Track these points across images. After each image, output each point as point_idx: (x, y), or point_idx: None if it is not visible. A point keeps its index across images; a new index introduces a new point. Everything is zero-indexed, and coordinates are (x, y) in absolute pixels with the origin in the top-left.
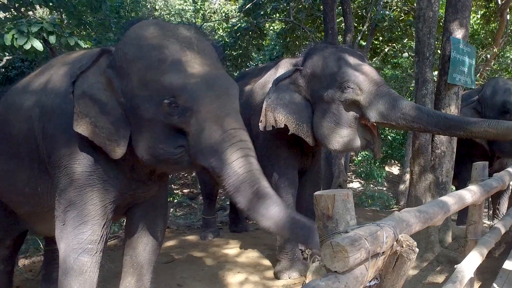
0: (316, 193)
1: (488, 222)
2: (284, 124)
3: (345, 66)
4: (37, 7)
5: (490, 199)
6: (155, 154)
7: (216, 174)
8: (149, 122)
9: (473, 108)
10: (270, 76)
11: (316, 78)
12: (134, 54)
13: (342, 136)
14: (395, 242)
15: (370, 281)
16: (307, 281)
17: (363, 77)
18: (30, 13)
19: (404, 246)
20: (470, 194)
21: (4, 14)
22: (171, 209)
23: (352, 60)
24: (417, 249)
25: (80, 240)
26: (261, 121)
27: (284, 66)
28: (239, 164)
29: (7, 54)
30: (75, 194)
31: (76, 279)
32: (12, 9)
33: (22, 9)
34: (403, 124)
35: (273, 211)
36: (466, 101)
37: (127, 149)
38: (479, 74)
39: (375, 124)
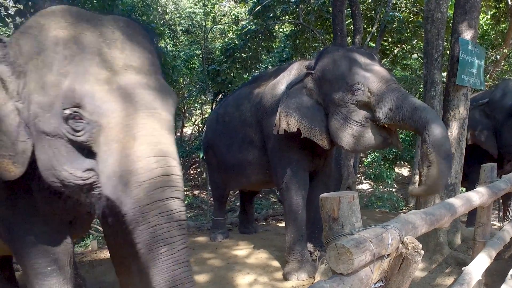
0: (322, 195)
1: (498, 224)
2: (297, 128)
3: (354, 68)
4: None
5: (500, 200)
6: (58, 176)
7: (119, 206)
8: (51, 137)
9: (482, 110)
10: (282, 78)
11: (327, 81)
12: (32, 48)
13: (356, 136)
14: (400, 244)
15: (375, 283)
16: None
17: (372, 78)
18: None
19: (409, 248)
20: (478, 196)
21: (21, 20)
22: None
23: (362, 61)
24: (422, 251)
25: (37, 265)
26: (275, 125)
27: (297, 69)
28: (150, 208)
29: None
30: (16, 222)
31: None
32: (28, 15)
33: None
34: (405, 125)
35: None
36: (476, 103)
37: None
38: (489, 75)
39: (385, 125)
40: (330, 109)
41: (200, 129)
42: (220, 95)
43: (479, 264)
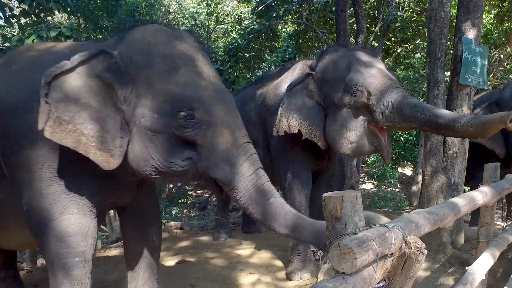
0: (325, 194)
1: (502, 224)
2: (298, 129)
3: (353, 68)
4: (56, 12)
5: (504, 200)
6: (157, 165)
7: (230, 186)
8: (155, 133)
9: (490, 110)
10: (285, 78)
11: (326, 82)
12: (143, 61)
13: (351, 141)
14: (403, 244)
15: (378, 283)
16: None
17: (371, 79)
18: (49, 18)
19: (412, 247)
20: (482, 195)
21: (25, 20)
22: (185, 210)
23: (362, 61)
24: (425, 251)
25: (66, 254)
26: (274, 126)
27: (300, 68)
28: (253, 177)
29: None
30: (49, 202)
31: None
32: (32, 15)
33: (42, 15)
34: (405, 125)
35: (286, 218)
36: (485, 103)
37: None
38: (492, 75)
39: (384, 127)
40: (330, 110)
41: None
42: None
43: (483, 264)
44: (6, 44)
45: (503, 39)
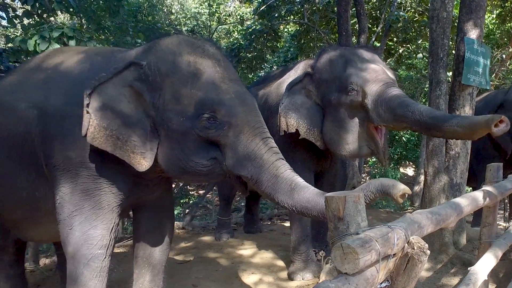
0: (327, 194)
1: (504, 224)
2: (296, 129)
3: (350, 68)
4: (58, 12)
5: (506, 200)
6: (184, 166)
7: (253, 180)
8: (181, 135)
9: (495, 112)
10: (287, 78)
11: (324, 82)
12: (168, 69)
13: (348, 142)
14: (406, 244)
15: (381, 283)
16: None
17: (367, 78)
18: (52, 19)
19: (415, 248)
20: (484, 195)
21: (28, 21)
22: (186, 210)
23: (358, 60)
24: (428, 251)
25: (90, 246)
26: (276, 126)
27: (302, 68)
28: (273, 168)
29: (29, 58)
30: (82, 198)
31: (86, 284)
32: (35, 16)
33: (45, 15)
34: (396, 124)
35: (315, 199)
36: (489, 103)
37: None
38: (494, 75)
39: (379, 127)
40: (327, 110)
41: None
42: None
43: (485, 264)
44: (9, 45)
45: (505, 39)
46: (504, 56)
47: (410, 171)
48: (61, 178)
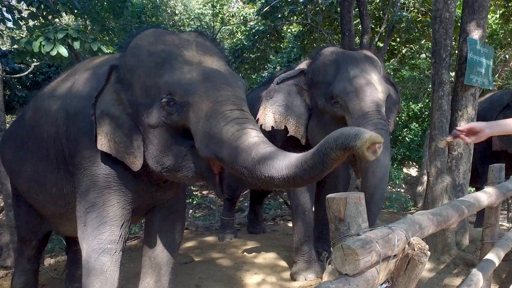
0: (329, 195)
1: (508, 225)
2: (284, 125)
3: (339, 77)
4: (63, 14)
5: (509, 201)
6: (162, 161)
7: (220, 159)
8: (154, 129)
9: (504, 114)
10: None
11: (315, 84)
12: (134, 64)
13: None
14: (407, 245)
15: (381, 284)
16: None
17: (353, 95)
18: (57, 20)
19: (415, 249)
20: (486, 196)
21: (33, 22)
22: (190, 210)
23: (351, 70)
24: (428, 252)
25: (99, 240)
26: (257, 119)
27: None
28: (234, 139)
29: (35, 60)
30: (94, 195)
31: (97, 278)
32: (40, 17)
33: (49, 17)
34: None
35: (284, 163)
36: (494, 104)
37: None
38: (497, 75)
39: None
40: (314, 111)
41: None
42: None
43: (487, 265)
44: (15, 46)
45: (509, 39)
46: (507, 56)
47: (413, 172)
48: (79, 176)
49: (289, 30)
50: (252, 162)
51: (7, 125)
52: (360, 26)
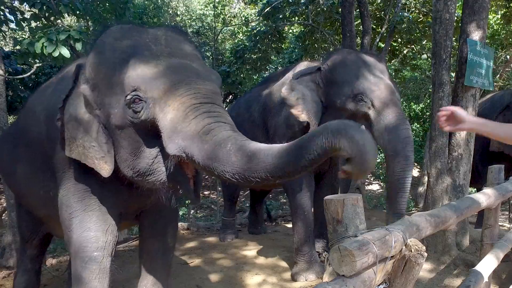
0: (326, 197)
1: (509, 225)
2: (303, 118)
3: (363, 77)
4: (65, 15)
5: (511, 201)
6: (132, 165)
7: (188, 156)
8: (122, 130)
9: (504, 115)
10: (288, 78)
11: (333, 83)
12: (98, 62)
13: None
14: (404, 247)
15: (378, 285)
16: None
17: (378, 93)
18: (59, 21)
19: (412, 250)
20: (485, 197)
21: (36, 23)
22: (192, 211)
23: (372, 71)
24: (425, 254)
25: (84, 249)
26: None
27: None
28: (201, 134)
29: (37, 61)
30: (75, 200)
31: (87, 286)
32: (42, 18)
33: (52, 18)
34: (385, 151)
35: (260, 156)
36: (496, 105)
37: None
38: (498, 75)
39: None
40: (329, 109)
41: None
42: (230, 96)
43: (487, 266)
44: (17, 47)
45: (510, 39)
46: (508, 57)
47: (414, 172)
48: (59, 179)
49: (290, 31)
50: (228, 155)
51: None
52: (361, 26)
